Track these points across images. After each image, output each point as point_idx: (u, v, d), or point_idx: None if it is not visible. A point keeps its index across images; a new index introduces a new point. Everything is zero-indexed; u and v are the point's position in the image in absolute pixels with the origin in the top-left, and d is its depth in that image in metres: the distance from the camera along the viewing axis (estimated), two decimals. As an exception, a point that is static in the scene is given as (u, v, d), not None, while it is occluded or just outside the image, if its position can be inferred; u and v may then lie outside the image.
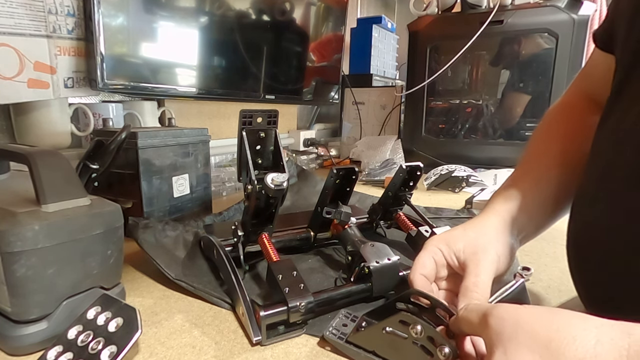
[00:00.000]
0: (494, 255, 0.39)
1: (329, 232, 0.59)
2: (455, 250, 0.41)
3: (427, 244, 0.43)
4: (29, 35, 0.62)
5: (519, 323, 0.25)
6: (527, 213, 0.44)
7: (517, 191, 0.44)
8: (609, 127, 0.36)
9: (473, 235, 0.41)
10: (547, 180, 0.45)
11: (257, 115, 0.46)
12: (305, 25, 1.18)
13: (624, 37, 0.37)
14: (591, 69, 0.49)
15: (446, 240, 0.42)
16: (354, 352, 0.36)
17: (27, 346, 0.36)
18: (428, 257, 0.41)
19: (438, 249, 0.42)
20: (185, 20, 0.81)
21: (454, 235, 0.42)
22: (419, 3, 1.27)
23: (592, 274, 0.37)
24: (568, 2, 1.07)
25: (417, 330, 0.31)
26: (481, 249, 0.39)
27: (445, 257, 0.41)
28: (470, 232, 0.42)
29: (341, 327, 0.39)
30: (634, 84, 0.34)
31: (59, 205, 0.36)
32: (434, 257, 0.41)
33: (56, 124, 0.73)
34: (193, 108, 1.10)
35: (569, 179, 0.44)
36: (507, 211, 0.43)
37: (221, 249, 0.48)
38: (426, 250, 0.42)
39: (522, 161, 0.49)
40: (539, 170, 0.46)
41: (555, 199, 0.45)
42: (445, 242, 0.42)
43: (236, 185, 1.01)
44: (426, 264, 0.41)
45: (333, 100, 1.39)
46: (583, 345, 0.22)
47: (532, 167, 0.47)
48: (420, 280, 0.40)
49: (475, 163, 1.21)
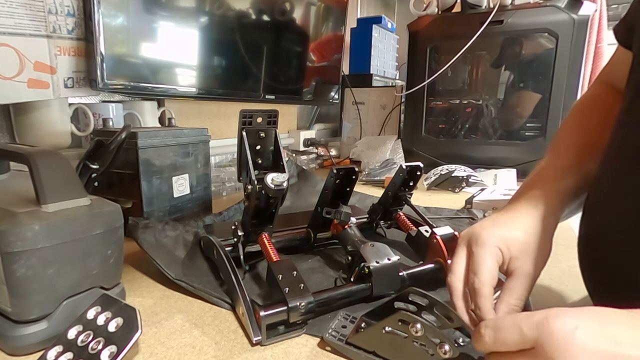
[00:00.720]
0: (539, 264, 0.37)
1: (329, 232, 0.59)
2: (512, 254, 0.37)
3: (486, 242, 0.37)
4: (29, 35, 0.62)
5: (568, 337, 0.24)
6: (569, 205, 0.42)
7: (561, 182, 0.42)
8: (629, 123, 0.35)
9: (523, 235, 0.38)
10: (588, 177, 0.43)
11: (257, 115, 0.46)
12: (305, 25, 1.18)
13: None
14: (615, 65, 0.47)
15: (506, 240, 0.37)
16: (354, 353, 0.36)
17: (27, 346, 0.36)
18: (494, 263, 0.37)
19: (499, 250, 0.37)
20: (185, 20, 0.81)
21: (511, 234, 0.38)
22: (419, 3, 1.27)
23: (607, 274, 0.36)
24: (568, 2, 1.07)
25: (417, 328, 0.31)
26: (530, 258, 0.37)
27: (503, 260, 0.37)
28: (520, 229, 0.38)
29: (340, 329, 0.38)
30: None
31: (59, 205, 0.36)
32: (497, 260, 0.37)
33: (56, 124, 0.73)
34: (193, 108, 1.10)
35: None
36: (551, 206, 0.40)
37: (221, 249, 0.48)
38: (489, 251, 0.37)
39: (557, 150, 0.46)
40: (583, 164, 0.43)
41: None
42: (505, 243, 0.37)
43: (236, 185, 1.01)
44: (495, 274, 0.36)
45: (333, 100, 1.39)
46: None
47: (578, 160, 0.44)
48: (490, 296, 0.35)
49: (475, 163, 1.21)
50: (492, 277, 0.36)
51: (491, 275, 0.36)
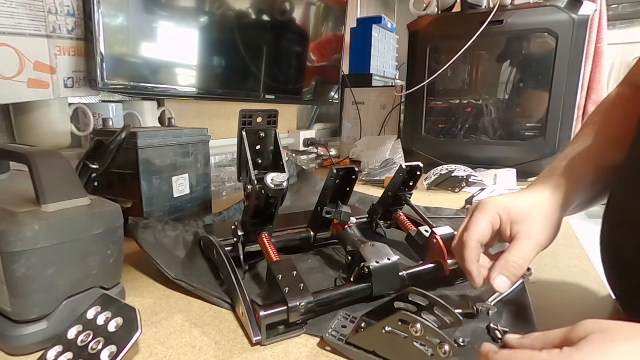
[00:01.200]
0: (543, 231, 0.38)
1: (329, 232, 0.59)
2: (512, 218, 0.39)
3: (486, 206, 0.40)
4: (29, 35, 0.62)
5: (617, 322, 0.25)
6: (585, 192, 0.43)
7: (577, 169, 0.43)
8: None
9: (528, 205, 0.39)
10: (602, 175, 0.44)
11: (257, 115, 0.46)
12: (305, 25, 1.18)
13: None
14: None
15: (507, 207, 0.39)
16: (354, 354, 0.36)
17: (27, 346, 0.36)
18: (487, 223, 0.39)
19: (498, 215, 0.39)
20: (185, 20, 0.81)
21: (514, 202, 0.40)
22: (419, 3, 1.27)
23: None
24: (568, 2, 1.07)
25: (417, 329, 0.31)
26: (533, 223, 0.38)
27: (502, 223, 0.39)
28: (525, 200, 0.40)
29: (340, 329, 0.38)
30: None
31: (59, 205, 0.36)
32: (493, 223, 0.39)
33: (56, 124, 0.73)
34: (193, 108, 1.10)
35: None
36: (564, 187, 0.41)
37: (221, 249, 0.48)
38: (486, 214, 0.39)
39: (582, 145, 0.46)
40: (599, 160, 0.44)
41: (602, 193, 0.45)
42: (506, 209, 0.39)
43: (236, 185, 1.01)
44: (485, 232, 0.39)
45: (333, 100, 1.39)
46: None
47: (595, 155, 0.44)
48: (476, 249, 0.38)
49: (475, 163, 1.21)
50: (481, 234, 0.39)
51: (481, 232, 0.38)
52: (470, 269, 0.39)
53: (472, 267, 0.38)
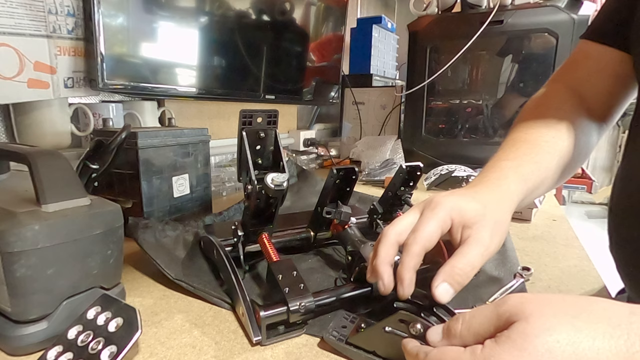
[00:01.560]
0: (494, 237, 0.36)
1: (329, 232, 0.59)
2: (465, 222, 0.36)
3: (437, 208, 0.36)
4: (29, 35, 0.62)
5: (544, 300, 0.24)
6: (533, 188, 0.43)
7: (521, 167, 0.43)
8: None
9: (481, 207, 0.37)
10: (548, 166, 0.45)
11: (257, 115, 0.46)
12: (305, 25, 1.18)
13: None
14: (579, 60, 0.49)
15: (460, 209, 0.36)
16: (354, 353, 0.36)
17: (27, 346, 0.36)
18: (437, 227, 0.35)
19: (450, 218, 0.36)
20: (185, 20, 0.81)
21: (468, 205, 0.37)
22: (419, 3, 1.27)
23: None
24: (568, 2, 1.07)
25: (417, 328, 0.31)
26: (485, 228, 0.36)
27: (452, 229, 0.36)
28: (480, 201, 0.38)
29: (340, 329, 0.38)
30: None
31: (59, 205, 0.36)
32: (442, 228, 0.36)
33: (56, 124, 0.73)
34: (193, 108, 1.10)
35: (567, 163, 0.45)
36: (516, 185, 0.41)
37: (221, 249, 0.48)
38: (436, 216, 0.36)
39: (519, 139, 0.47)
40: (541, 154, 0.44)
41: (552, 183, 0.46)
42: (459, 211, 0.36)
43: (236, 185, 1.01)
44: (433, 238, 0.35)
45: (333, 100, 1.39)
46: (617, 313, 0.22)
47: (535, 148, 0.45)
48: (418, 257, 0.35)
49: (475, 163, 1.20)
50: (428, 240, 0.35)
51: (428, 237, 0.35)
52: (404, 276, 0.34)
53: (407, 274, 0.34)
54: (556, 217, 0.82)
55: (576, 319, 0.23)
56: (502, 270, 0.54)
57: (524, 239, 0.68)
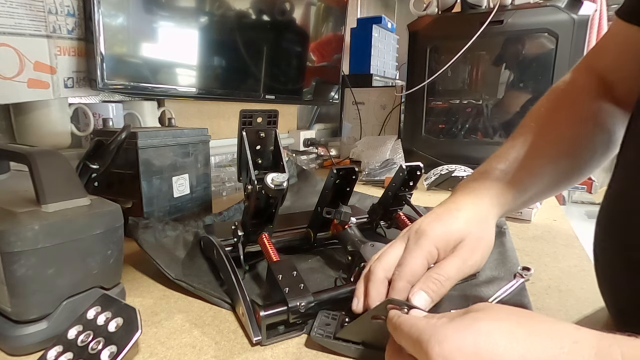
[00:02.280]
0: (473, 252, 0.37)
1: (329, 232, 0.59)
2: (451, 245, 0.37)
3: (422, 239, 0.37)
4: (29, 35, 0.62)
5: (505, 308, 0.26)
6: (520, 201, 0.43)
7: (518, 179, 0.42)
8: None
9: (464, 224, 0.38)
10: (552, 171, 0.43)
11: (257, 115, 0.46)
12: (305, 25, 1.18)
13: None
14: (607, 42, 0.45)
15: (445, 236, 0.37)
16: (343, 348, 0.36)
17: (27, 346, 0.36)
18: (422, 259, 0.37)
19: (436, 249, 0.37)
20: (185, 20, 0.81)
21: (451, 228, 0.38)
22: (419, 3, 1.27)
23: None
24: (568, 2, 1.07)
25: (405, 312, 0.31)
26: (466, 244, 0.37)
27: (439, 257, 0.38)
28: (462, 218, 0.38)
29: (325, 327, 0.39)
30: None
31: (59, 205, 0.36)
32: (428, 260, 0.37)
33: (56, 124, 0.73)
34: (193, 108, 1.10)
35: (576, 170, 0.43)
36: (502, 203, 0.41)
37: (221, 249, 0.48)
38: (421, 249, 0.37)
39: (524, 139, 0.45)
40: (544, 158, 0.43)
41: (555, 188, 0.44)
42: (444, 239, 0.37)
43: (236, 185, 1.01)
44: (418, 273, 0.36)
45: (333, 100, 1.39)
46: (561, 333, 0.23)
47: (537, 154, 0.43)
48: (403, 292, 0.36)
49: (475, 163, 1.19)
50: (413, 275, 0.36)
51: (413, 272, 0.36)
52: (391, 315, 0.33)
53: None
54: (556, 217, 0.82)
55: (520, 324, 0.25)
56: (502, 270, 0.54)
57: (524, 239, 0.68)
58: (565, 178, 0.45)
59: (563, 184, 0.45)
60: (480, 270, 0.53)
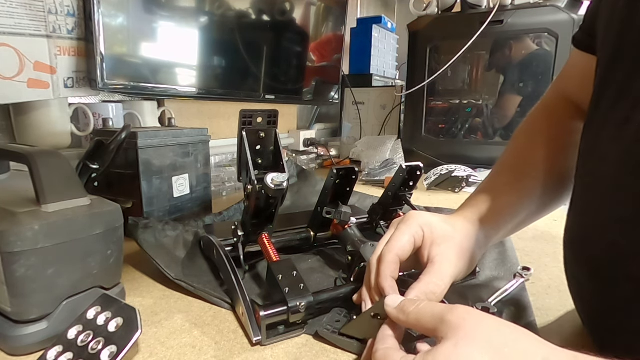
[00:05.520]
0: (460, 260, 0.38)
1: (329, 232, 0.59)
2: (435, 238, 0.38)
3: (410, 220, 0.38)
4: (29, 35, 0.62)
5: (479, 325, 0.25)
6: (505, 228, 0.43)
7: (501, 202, 0.43)
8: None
9: (451, 229, 0.39)
10: (531, 194, 0.44)
11: (257, 115, 0.46)
12: (305, 25, 1.18)
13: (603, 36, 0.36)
14: (570, 68, 0.48)
15: (431, 225, 0.38)
16: (347, 344, 0.37)
17: (27, 346, 0.36)
18: (409, 236, 0.37)
19: (422, 230, 0.38)
20: (185, 20, 0.81)
21: (439, 223, 0.39)
22: (419, 3, 1.27)
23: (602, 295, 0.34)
24: (568, 2, 1.07)
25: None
26: (453, 249, 0.37)
27: (423, 242, 0.38)
28: (450, 224, 0.39)
29: (334, 323, 0.39)
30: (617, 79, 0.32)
31: (59, 205, 0.36)
32: (415, 237, 0.38)
33: (56, 124, 0.73)
34: (193, 108, 1.10)
35: (554, 188, 0.44)
36: (487, 223, 0.42)
37: (221, 249, 0.48)
38: (409, 227, 0.38)
39: (505, 164, 0.48)
40: (524, 180, 0.44)
41: (537, 211, 0.45)
42: (430, 226, 0.38)
43: (236, 185, 1.01)
44: (406, 247, 0.37)
45: (333, 100, 1.39)
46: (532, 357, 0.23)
47: (517, 177, 0.45)
48: (392, 264, 0.36)
49: (475, 163, 1.20)
50: (401, 249, 0.37)
51: (401, 247, 0.37)
52: (384, 285, 0.36)
53: (385, 283, 0.36)
54: (556, 217, 0.82)
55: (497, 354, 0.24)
56: (502, 270, 0.54)
57: (524, 239, 0.68)
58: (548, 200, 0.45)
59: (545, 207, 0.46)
60: (480, 270, 0.53)
